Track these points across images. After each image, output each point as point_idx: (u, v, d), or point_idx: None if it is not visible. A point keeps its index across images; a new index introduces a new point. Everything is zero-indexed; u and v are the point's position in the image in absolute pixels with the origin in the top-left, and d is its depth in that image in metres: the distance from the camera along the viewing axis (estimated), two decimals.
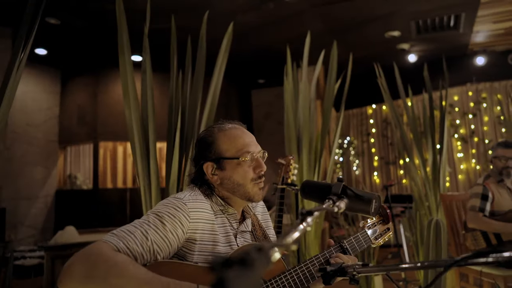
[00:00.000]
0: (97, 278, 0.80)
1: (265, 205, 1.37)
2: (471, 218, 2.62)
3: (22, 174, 5.88)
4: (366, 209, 0.89)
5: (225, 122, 1.22)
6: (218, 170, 1.14)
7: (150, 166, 2.17)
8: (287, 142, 3.07)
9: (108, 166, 7.57)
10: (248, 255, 0.37)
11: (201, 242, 1.03)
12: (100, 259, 0.82)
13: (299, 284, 1.08)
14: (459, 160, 5.72)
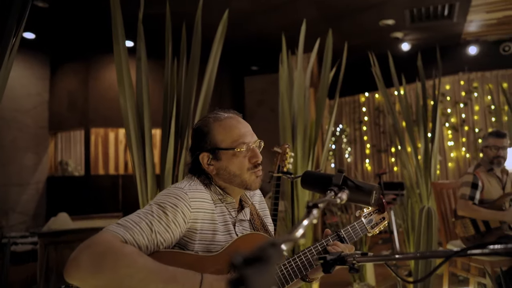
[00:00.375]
0: (105, 268, 0.80)
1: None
2: (461, 206, 2.68)
3: (13, 160, 5.81)
4: (367, 200, 0.91)
5: (220, 111, 1.21)
6: (214, 160, 1.14)
7: (146, 154, 2.16)
8: (281, 130, 3.07)
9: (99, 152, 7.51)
10: (263, 251, 0.38)
11: (201, 231, 1.04)
12: (108, 250, 0.82)
13: (297, 272, 1.10)
14: (449, 148, 5.81)
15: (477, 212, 2.61)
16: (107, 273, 0.81)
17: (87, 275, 0.80)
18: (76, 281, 0.80)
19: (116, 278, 0.81)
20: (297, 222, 0.56)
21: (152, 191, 2.19)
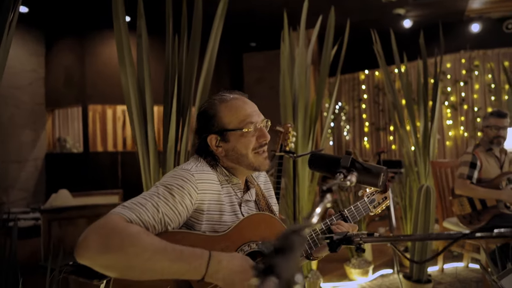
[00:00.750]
0: (113, 248, 0.82)
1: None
2: (459, 185, 2.72)
3: (11, 137, 5.78)
4: (374, 182, 0.91)
5: (225, 93, 1.20)
6: (222, 142, 1.14)
7: (148, 132, 2.15)
8: (282, 109, 3.06)
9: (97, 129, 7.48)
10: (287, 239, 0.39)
11: (208, 212, 1.05)
12: (114, 231, 0.83)
13: (302, 251, 1.13)
14: (448, 127, 5.82)
15: (474, 191, 2.66)
16: (115, 252, 0.82)
17: (96, 255, 0.82)
18: (86, 261, 0.82)
19: (123, 257, 0.83)
20: (313, 207, 0.57)
21: (155, 169, 2.19)
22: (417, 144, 3.54)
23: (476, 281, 2.90)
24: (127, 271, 0.84)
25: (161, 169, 2.20)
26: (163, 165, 2.19)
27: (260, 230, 1.10)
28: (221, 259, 0.92)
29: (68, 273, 1.47)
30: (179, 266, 0.86)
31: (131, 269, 0.83)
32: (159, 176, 2.20)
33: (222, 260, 0.92)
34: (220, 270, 0.90)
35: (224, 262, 0.92)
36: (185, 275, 0.88)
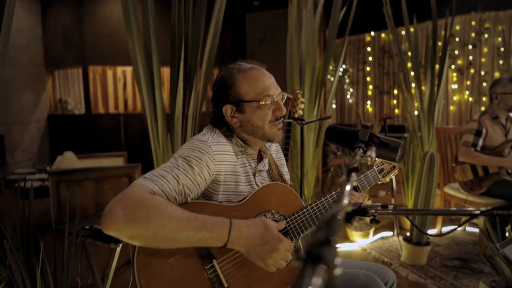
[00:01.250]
0: (138, 220, 0.84)
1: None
2: (463, 153, 2.74)
3: (12, 98, 5.74)
4: (392, 156, 0.92)
5: (243, 62, 1.18)
6: (237, 112, 1.14)
7: (156, 96, 2.13)
8: (289, 74, 3.01)
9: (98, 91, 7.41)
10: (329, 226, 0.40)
11: (224, 183, 1.08)
12: (139, 203, 0.85)
13: (315, 219, 1.16)
14: (452, 91, 5.76)
15: (478, 158, 2.69)
16: (141, 224, 0.85)
17: (122, 227, 0.84)
18: (113, 232, 0.85)
19: (149, 228, 0.85)
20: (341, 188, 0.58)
21: (163, 134, 2.20)
22: (422, 109, 3.53)
23: (472, 244, 3.01)
24: (153, 241, 0.87)
25: (169, 134, 2.21)
26: (171, 131, 2.19)
27: (274, 200, 1.13)
28: (241, 226, 0.95)
29: (85, 237, 1.52)
30: (203, 234, 0.90)
31: (157, 238, 0.87)
32: (167, 142, 2.21)
33: (242, 227, 0.95)
34: (241, 236, 0.94)
35: (244, 229, 0.95)
36: (208, 243, 0.92)
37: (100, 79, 7.37)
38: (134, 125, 6.32)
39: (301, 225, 1.14)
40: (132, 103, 7.88)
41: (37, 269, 1.24)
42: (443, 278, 2.45)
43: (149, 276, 0.90)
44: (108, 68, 7.31)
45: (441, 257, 2.75)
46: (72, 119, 6.37)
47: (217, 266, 0.98)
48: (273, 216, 1.11)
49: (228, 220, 0.95)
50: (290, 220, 1.12)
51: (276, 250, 0.96)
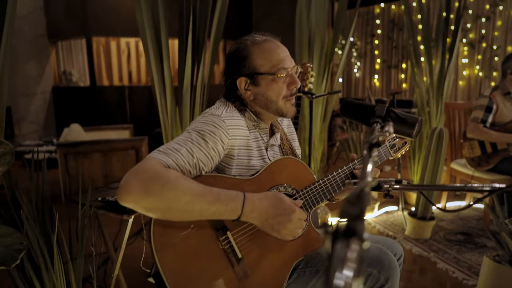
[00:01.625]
0: (153, 192, 0.85)
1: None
2: (472, 129, 2.72)
3: (16, 70, 5.70)
4: (409, 132, 0.92)
5: (258, 34, 1.16)
6: (251, 85, 1.12)
7: (164, 67, 2.11)
8: (298, 47, 2.95)
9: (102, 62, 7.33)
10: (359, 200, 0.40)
11: (238, 157, 1.08)
12: (154, 175, 0.86)
13: (326, 193, 1.17)
14: (462, 66, 5.64)
15: (486, 134, 2.66)
16: (156, 196, 0.86)
17: (138, 199, 0.85)
18: (129, 204, 0.86)
19: (164, 200, 0.86)
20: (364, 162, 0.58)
21: (172, 107, 2.18)
22: (431, 84, 3.47)
23: (476, 219, 3.05)
24: (168, 213, 0.88)
25: (178, 107, 2.20)
26: (179, 104, 2.18)
27: (286, 173, 1.14)
28: (254, 199, 0.96)
29: (98, 208, 1.55)
30: (217, 207, 0.91)
31: (172, 211, 0.88)
32: (176, 115, 2.20)
33: (255, 200, 0.96)
34: (254, 209, 0.96)
35: (257, 202, 0.96)
36: (222, 216, 0.93)
37: (104, 50, 7.28)
38: (139, 98, 6.30)
39: (313, 198, 1.15)
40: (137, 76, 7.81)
41: (54, 239, 1.27)
42: (446, 252, 2.49)
43: (165, 247, 0.92)
44: (112, 40, 7.19)
45: (445, 232, 2.79)
46: (77, 91, 6.34)
47: (231, 238, 1.00)
48: (286, 189, 1.12)
49: (242, 194, 0.96)
50: (302, 194, 1.13)
51: (290, 221, 0.98)
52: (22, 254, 0.96)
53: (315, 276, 1.08)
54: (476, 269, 2.26)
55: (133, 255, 2.43)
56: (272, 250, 1.05)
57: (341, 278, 0.33)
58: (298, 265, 1.12)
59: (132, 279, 2.15)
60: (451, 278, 2.20)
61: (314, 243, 1.14)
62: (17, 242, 0.97)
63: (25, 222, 1.22)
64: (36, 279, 1.27)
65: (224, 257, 0.98)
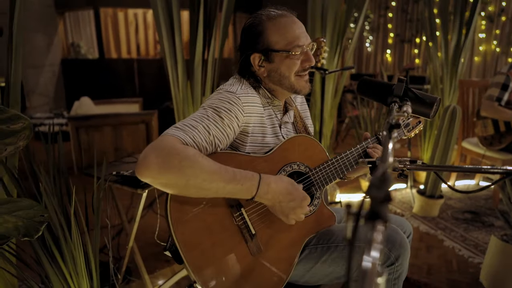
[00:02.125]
0: (172, 168, 0.86)
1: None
2: (486, 107, 2.67)
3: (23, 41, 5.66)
4: (427, 111, 0.90)
5: (273, 8, 1.13)
6: (265, 62, 1.11)
7: (175, 41, 2.08)
8: (310, 21, 2.87)
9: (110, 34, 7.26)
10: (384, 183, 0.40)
11: (252, 134, 1.08)
12: (173, 152, 0.86)
13: (339, 172, 1.18)
14: (479, 41, 5.47)
15: (501, 113, 2.62)
16: (174, 172, 0.87)
17: (156, 174, 0.86)
18: (147, 179, 0.87)
19: (182, 177, 0.87)
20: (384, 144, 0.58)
21: (183, 81, 2.17)
22: (446, 60, 3.38)
23: (485, 198, 3.05)
24: (185, 189, 0.90)
25: (189, 81, 2.19)
26: (191, 78, 2.16)
27: (300, 151, 1.14)
28: (270, 182, 0.97)
29: (113, 182, 1.58)
30: (232, 186, 0.92)
31: (189, 187, 0.89)
32: (187, 89, 2.19)
33: (271, 182, 0.97)
34: (269, 191, 0.97)
35: (273, 185, 0.97)
36: (237, 195, 0.95)
37: (112, 22, 7.19)
38: (148, 71, 6.26)
39: (326, 177, 1.15)
40: (145, 48, 7.73)
41: (71, 211, 1.31)
42: (454, 230, 2.51)
43: (181, 222, 0.94)
44: (119, 11, 7.08)
45: (453, 210, 2.81)
46: (86, 63, 6.32)
47: (245, 214, 1.02)
48: (299, 167, 1.13)
49: (258, 175, 0.97)
50: (315, 172, 1.14)
51: (300, 207, 1.00)
52: (44, 226, 0.99)
53: (326, 253, 1.11)
54: (483, 248, 2.28)
55: (145, 228, 2.50)
56: (284, 227, 1.07)
57: (368, 260, 0.34)
58: (309, 241, 1.15)
59: (145, 250, 2.22)
60: (457, 255, 2.23)
61: (326, 221, 1.16)
62: (39, 215, 1.00)
63: (44, 195, 1.26)
64: (55, 249, 1.32)
65: (238, 233, 1.01)
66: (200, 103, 2.24)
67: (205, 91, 2.23)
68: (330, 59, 2.95)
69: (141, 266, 1.79)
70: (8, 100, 1.37)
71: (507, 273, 1.83)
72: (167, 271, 2.06)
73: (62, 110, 6.01)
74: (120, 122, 3.77)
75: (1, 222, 0.94)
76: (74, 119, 3.56)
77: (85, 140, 3.63)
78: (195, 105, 2.19)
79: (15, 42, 1.36)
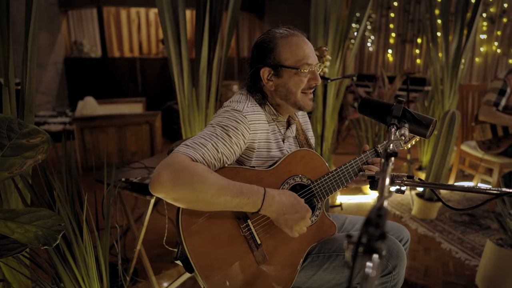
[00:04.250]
0: (183, 184, 0.92)
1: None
2: (484, 112, 2.72)
3: None
4: (423, 132, 0.96)
5: (285, 27, 1.19)
6: (274, 76, 1.17)
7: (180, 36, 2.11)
8: (313, 25, 2.92)
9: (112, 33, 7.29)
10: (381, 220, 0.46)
11: (258, 149, 1.14)
12: (184, 169, 0.93)
13: (339, 183, 1.23)
14: (480, 42, 5.50)
15: (499, 118, 2.67)
16: (185, 188, 0.93)
17: (169, 190, 0.93)
18: (160, 194, 0.94)
19: (192, 193, 0.94)
20: (382, 175, 0.63)
21: (188, 75, 2.19)
22: (446, 63, 3.42)
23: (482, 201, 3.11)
24: (195, 204, 0.96)
25: (194, 88, 2.24)
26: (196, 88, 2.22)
27: (302, 165, 1.20)
28: (274, 195, 1.04)
29: (122, 188, 1.64)
30: (239, 200, 0.98)
31: (199, 202, 0.95)
32: (193, 96, 2.24)
33: (275, 195, 1.04)
34: (273, 204, 1.03)
35: (277, 197, 1.04)
36: (243, 208, 1.01)
37: (114, 20, 7.21)
38: (151, 69, 6.31)
39: (326, 188, 1.21)
40: (147, 47, 7.76)
41: (83, 218, 1.37)
42: (451, 232, 2.58)
43: (192, 233, 1.00)
44: (122, 9, 7.11)
45: (451, 213, 2.87)
46: (89, 62, 6.36)
47: (251, 226, 1.08)
48: (301, 180, 1.19)
49: (263, 189, 1.03)
50: (316, 184, 1.20)
51: (303, 219, 1.06)
52: (61, 234, 1.05)
53: (328, 261, 1.17)
54: (479, 250, 2.34)
55: (150, 229, 2.57)
56: (288, 237, 1.13)
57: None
58: (312, 250, 1.21)
59: (150, 252, 2.29)
60: (454, 258, 2.29)
61: (327, 230, 1.22)
62: (56, 224, 1.06)
63: (58, 202, 1.32)
64: (68, 253, 1.39)
65: (245, 243, 1.07)
66: (205, 109, 2.29)
67: (210, 97, 2.29)
68: (332, 63, 3.00)
69: (148, 267, 1.85)
70: (23, 109, 1.43)
71: (502, 277, 1.90)
72: (172, 272, 2.13)
73: (65, 109, 6.06)
74: (124, 122, 3.83)
75: (23, 232, 1.00)
76: (79, 120, 3.62)
77: (90, 141, 3.69)
78: (200, 111, 2.25)
79: (30, 54, 1.41)
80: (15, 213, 1.03)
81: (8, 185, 1.40)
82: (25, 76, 1.41)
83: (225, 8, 2.25)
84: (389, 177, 0.62)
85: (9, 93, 1.37)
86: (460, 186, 0.95)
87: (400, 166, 3.93)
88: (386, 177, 0.62)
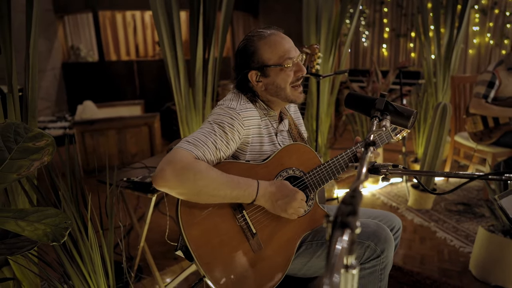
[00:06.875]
0: (187, 181, 1.00)
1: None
2: (474, 104, 2.78)
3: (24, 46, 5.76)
4: (405, 123, 1.02)
5: (262, 29, 1.25)
6: (262, 77, 1.23)
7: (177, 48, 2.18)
8: (305, 24, 2.98)
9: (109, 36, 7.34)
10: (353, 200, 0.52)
11: (251, 144, 1.20)
12: (187, 166, 1.01)
13: (331, 174, 1.30)
14: (473, 33, 5.56)
15: (489, 110, 2.73)
16: (188, 184, 1.01)
17: (173, 185, 1.01)
18: (164, 189, 1.02)
19: (195, 188, 1.02)
20: (360, 162, 0.70)
21: (185, 76, 2.24)
22: (439, 55, 3.48)
23: (477, 190, 3.17)
24: (196, 197, 1.04)
25: (191, 89, 2.30)
26: (193, 88, 2.27)
27: (295, 158, 1.26)
28: (266, 186, 1.12)
29: (124, 188, 1.70)
30: (237, 192, 1.07)
31: (200, 195, 1.04)
32: (190, 97, 2.31)
33: (267, 186, 1.12)
34: (266, 194, 1.11)
35: (268, 188, 1.12)
36: (240, 199, 1.09)
37: (110, 24, 7.27)
38: (148, 72, 6.36)
39: (318, 180, 1.28)
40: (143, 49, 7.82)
41: (87, 216, 1.43)
42: (446, 221, 2.64)
43: (191, 224, 1.07)
44: (118, 13, 7.16)
45: (446, 202, 2.93)
46: (86, 66, 6.42)
47: (246, 216, 1.15)
48: (294, 172, 1.25)
49: (256, 181, 1.12)
50: (308, 176, 1.26)
51: (295, 200, 1.13)
52: (68, 231, 1.12)
53: (321, 248, 1.23)
54: (473, 238, 2.41)
55: (152, 227, 2.63)
56: (282, 226, 1.20)
57: (337, 252, 0.46)
58: (305, 238, 1.27)
59: (153, 249, 2.36)
60: (448, 246, 2.36)
61: (320, 219, 1.28)
62: (63, 221, 1.12)
63: (63, 202, 1.38)
64: (75, 251, 1.45)
65: (241, 233, 1.13)
66: (201, 109, 2.35)
67: (206, 98, 2.35)
68: (326, 59, 3.06)
69: (152, 264, 1.92)
70: (26, 115, 1.50)
71: (494, 262, 1.96)
72: (175, 268, 2.20)
73: (65, 113, 6.12)
74: (123, 125, 3.89)
75: (32, 230, 1.07)
76: (79, 124, 3.68)
77: (90, 144, 3.76)
78: (197, 111, 2.31)
79: (31, 62, 1.47)
80: (24, 212, 1.09)
81: (15, 187, 1.46)
82: (27, 83, 1.47)
83: (218, 8, 2.31)
84: (366, 164, 0.68)
85: (13, 99, 1.43)
86: (440, 172, 1.01)
87: (396, 158, 3.99)
88: (364, 164, 0.68)
